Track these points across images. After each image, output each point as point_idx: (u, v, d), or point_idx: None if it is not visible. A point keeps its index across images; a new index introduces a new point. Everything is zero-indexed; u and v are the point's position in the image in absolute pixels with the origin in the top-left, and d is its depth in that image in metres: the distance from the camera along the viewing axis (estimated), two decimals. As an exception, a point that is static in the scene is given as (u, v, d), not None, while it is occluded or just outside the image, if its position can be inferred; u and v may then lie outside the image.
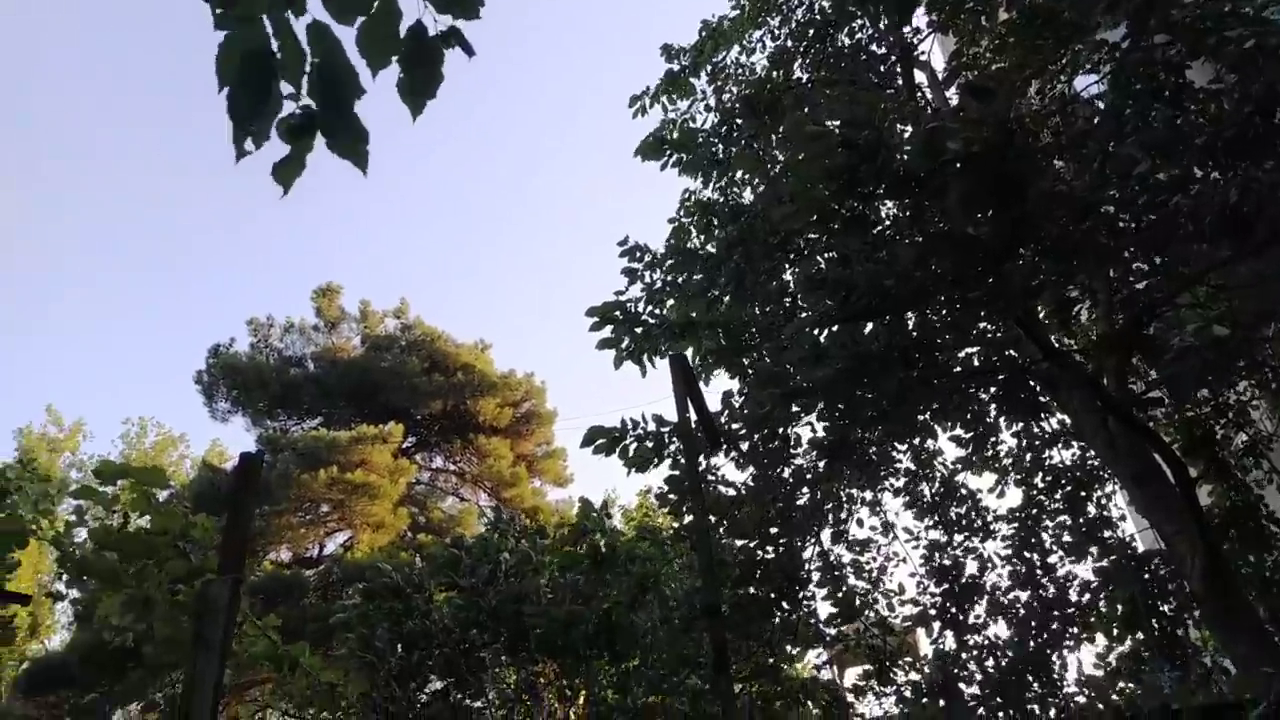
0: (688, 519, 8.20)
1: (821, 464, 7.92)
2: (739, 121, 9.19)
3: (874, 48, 9.60)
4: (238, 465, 4.16)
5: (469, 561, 9.76)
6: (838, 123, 5.59)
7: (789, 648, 8.56)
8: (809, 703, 9.37)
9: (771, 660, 8.20)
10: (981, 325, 7.04)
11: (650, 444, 7.34)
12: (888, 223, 6.61)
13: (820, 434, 7.77)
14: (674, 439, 7.23)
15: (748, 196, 9.34)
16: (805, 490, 8.22)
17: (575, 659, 9.14)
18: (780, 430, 7.70)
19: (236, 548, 3.45)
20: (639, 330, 8.14)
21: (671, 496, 7.56)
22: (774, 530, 7.79)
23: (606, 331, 8.11)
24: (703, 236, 9.12)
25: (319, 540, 21.93)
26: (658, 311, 8.42)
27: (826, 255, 6.98)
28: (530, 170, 56.62)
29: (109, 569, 3.87)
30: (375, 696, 9.06)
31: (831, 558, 8.63)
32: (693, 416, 4.84)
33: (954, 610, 8.71)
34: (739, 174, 9.40)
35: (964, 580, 8.86)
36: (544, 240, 56.80)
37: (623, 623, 9.08)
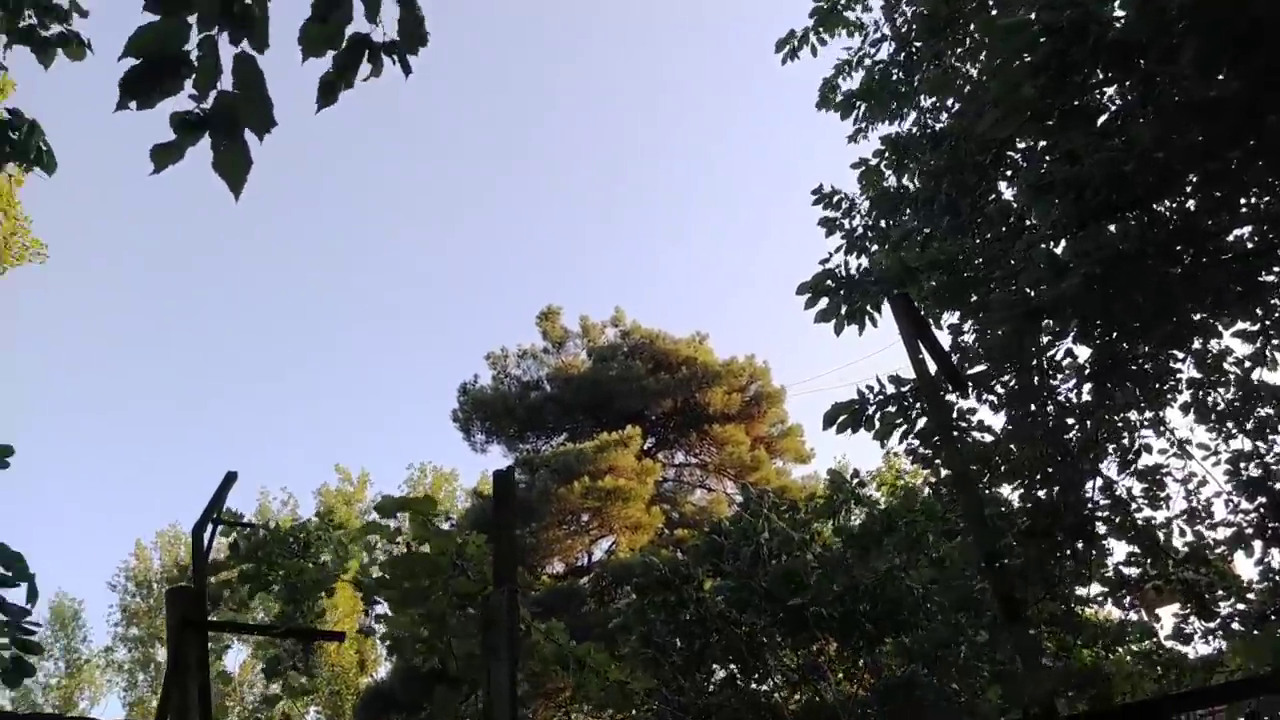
0: (943, 473, 7.76)
1: (1088, 390, 7.21)
2: (917, 45, 8.61)
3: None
4: (493, 484, 4.43)
5: (730, 545, 9.82)
6: (1032, 12, 5.08)
7: (1079, 589, 7.88)
8: (1119, 649, 8.62)
9: (1065, 607, 7.59)
10: (1252, 199, 6.13)
11: (893, 408, 6.97)
12: (1112, 109, 5.92)
13: (1081, 360, 7.07)
14: (916, 396, 6.82)
15: (942, 122, 8.72)
16: (1074, 422, 7.51)
17: (860, 635, 8.94)
18: (1033, 361, 7.09)
19: (507, 558, 3.64)
20: (853, 292, 7.77)
21: (924, 451, 7.17)
22: (1049, 470, 7.17)
23: (822, 304, 7.81)
24: (895, 175, 8.61)
25: (586, 549, 23.03)
26: (863, 261, 8.01)
27: (1048, 159, 6.34)
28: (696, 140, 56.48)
29: (399, 593, 4.22)
30: (664, 690, 9.31)
31: (1118, 490, 7.84)
32: (928, 360, 4.53)
33: (1276, 524, 7.64)
34: (928, 100, 8.80)
35: (1283, 489, 7.75)
36: (724, 215, 56.31)
37: (899, 592, 8.77)
